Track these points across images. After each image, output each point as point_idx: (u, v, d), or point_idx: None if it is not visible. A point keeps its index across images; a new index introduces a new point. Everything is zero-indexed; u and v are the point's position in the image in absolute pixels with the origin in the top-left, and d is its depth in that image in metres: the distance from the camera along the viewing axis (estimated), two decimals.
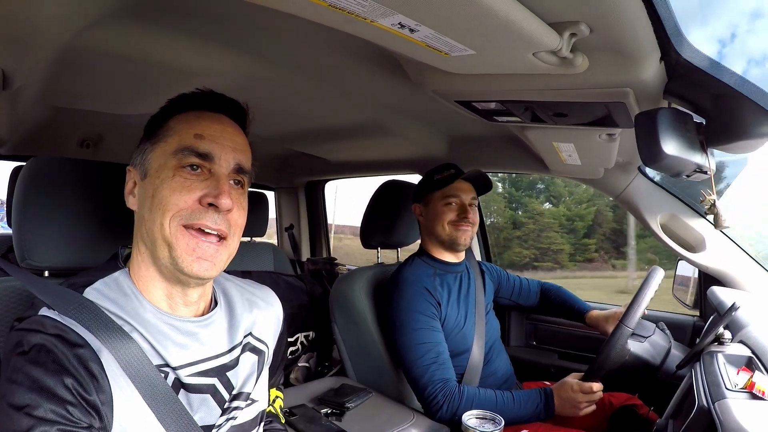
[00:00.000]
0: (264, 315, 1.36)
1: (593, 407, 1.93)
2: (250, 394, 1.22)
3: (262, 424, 1.32)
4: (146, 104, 1.85)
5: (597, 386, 1.90)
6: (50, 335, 0.95)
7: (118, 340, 0.99)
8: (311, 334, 3.09)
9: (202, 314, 1.19)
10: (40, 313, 1.00)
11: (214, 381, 1.14)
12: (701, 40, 1.09)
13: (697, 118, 1.33)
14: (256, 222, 3.23)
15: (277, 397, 1.53)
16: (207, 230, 1.07)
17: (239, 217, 1.14)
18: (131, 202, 1.14)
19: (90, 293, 1.06)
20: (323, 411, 1.93)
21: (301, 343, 3.03)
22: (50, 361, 0.92)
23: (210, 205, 1.07)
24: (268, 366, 1.34)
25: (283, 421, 1.54)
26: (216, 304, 1.24)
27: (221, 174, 1.10)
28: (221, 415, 1.14)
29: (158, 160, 1.09)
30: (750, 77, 1.12)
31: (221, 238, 1.10)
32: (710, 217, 1.48)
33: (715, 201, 1.42)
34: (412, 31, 1.06)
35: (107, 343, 0.97)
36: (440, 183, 2.26)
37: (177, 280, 1.10)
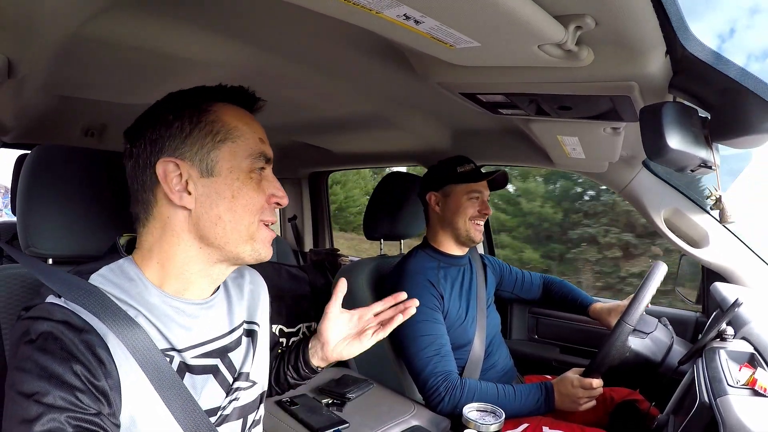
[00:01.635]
0: (252, 296, 1.39)
1: (593, 403, 1.94)
2: (249, 374, 1.25)
3: (262, 405, 1.35)
4: (150, 94, 1.83)
5: (597, 383, 1.91)
6: (57, 322, 0.95)
7: (124, 325, 1.00)
8: (313, 324, 3.09)
9: (206, 297, 1.20)
10: (46, 301, 1.00)
11: (216, 362, 1.16)
12: (706, 34, 1.08)
13: (703, 113, 1.32)
14: None
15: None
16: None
17: None
18: (186, 200, 1.09)
19: (95, 279, 1.06)
20: (324, 401, 1.94)
21: (303, 333, 3.03)
22: (58, 349, 0.92)
23: (274, 203, 1.20)
24: (262, 346, 1.36)
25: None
26: (218, 287, 1.26)
27: (271, 175, 1.21)
28: (225, 396, 1.16)
29: (230, 161, 1.11)
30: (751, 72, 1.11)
31: None
32: (716, 213, 1.47)
33: (721, 196, 1.42)
34: (417, 22, 1.05)
35: (114, 329, 0.98)
36: (465, 177, 2.26)
37: (234, 263, 1.20)
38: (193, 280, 1.14)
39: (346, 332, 1.50)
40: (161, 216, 1.12)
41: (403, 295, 1.53)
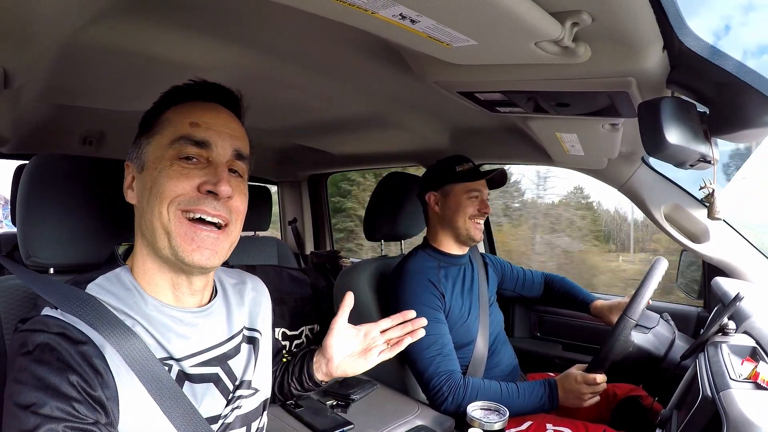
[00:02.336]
0: (254, 303, 1.38)
1: (597, 398, 1.94)
2: (251, 382, 1.24)
3: (265, 413, 1.34)
4: (148, 100, 1.84)
5: (600, 378, 1.91)
6: (54, 334, 0.95)
7: (121, 335, 1.00)
8: (316, 327, 3.09)
9: (204, 304, 1.20)
10: (42, 313, 1.00)
11: (216, 370, 1.16)
12: (701, 31, 1.08)
13: (701, 108, 1.32)
14: (259, 216, 3.22)
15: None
16: (207, 218, 1.07)
17: (240, 203, 1.15)
18: (130, 197, 1.14)
19: (92, 289, 1.07)
20: (328, 403, 1.94)
21: (306, 336, 3.03)
22: (54, 360, 0.92)
23: (209, 192, 1.07)
24: (264, 353, 1.35)
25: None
26: (216, 293, 1.26)
27: (219, 162, 1.11)
28: (226, 405, 1.16)
29: (155, 152, 1.09)
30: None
31: (222, 226, 1.10)
32: (709, 206, 1.47)
33: (714, 191, 1.42)
34: (413, 22, 1.06)
35: (111, 339, 0.98)
36: (464, 176, 2.26)
37: (180, 269, 1.10)
38: (160, 284, 1.13)
39: (351, 349, 1.47)
40: (135, 218, 1.15)
41: (412, 314, 1.52)
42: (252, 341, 1.31)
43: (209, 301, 1.22)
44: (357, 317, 2.35)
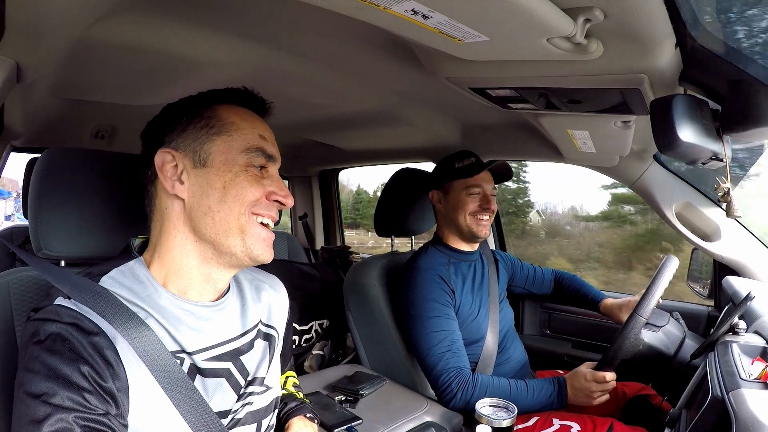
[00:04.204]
0: (272, 301, 1.38)
1: (606, 397, 1.93)
2: (264, 379, 1.24)
3: (276, 410, 1.34)
4: (159, 95, 1.85)
5: (610, 376, 1.90)
6: (66, 324, 0.96)
7: (133, 327, 1.00)
8: (325, 322, 3.10)
9: (217, 299, 1.20)
10: (55, 303, 1.01)
11: (228, 365, 1.16)
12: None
13: (713, 105, 1.31)
14: None
15: (289, 376, 1.57)
16: (267, 222, 1.15)
17: None
18: (178, 189, 1.11)
19: (105, 282, 1.07)
20: (337, 398, 1.94)
21: (316, 331, 3.04)
22: (66, 350, 0.93)
23: (274, 201, 1.17)
24: (278, 352, 1.36)
25: (300, 396, 1.56)
26: (229, 289, 1.26)
27: (276, 175, 1.20)
28: (237, 400, 1.16)
29: (225, 154, 1.12)
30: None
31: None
32: (723, 206, 1.47)
33: (728, 189, 1.41)
34: (425, 17, 1.05)
35: (123, 331, 0.99)
36: (463, 172, 2.26)
37: (236, 264, 1.16)
38: (193, 278, 1.14)
39: None
40: (160, 207, 1.15)
41: None
42: (268, 338, 1.31)
43: (222, 296, 1.22)
44: (367, 312, 2.36)
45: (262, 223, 1.14)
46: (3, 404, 1.11)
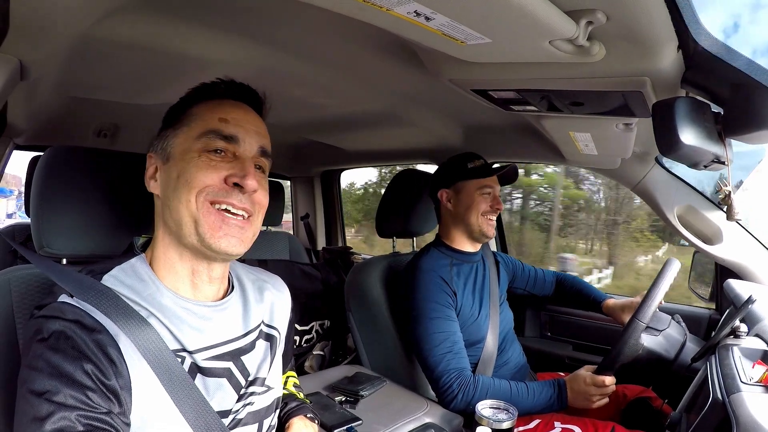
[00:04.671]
0: (275, 302, 1.38)
1: (606, 400, 1.93)
2: (265, 379, 1.24)
3: (277, 411, 1.34)
4: (162, 94, 1.85)
5: (609, 380, 1.90)
6: (69, 321, 0.96)
7: (135, 325, 1.01)
8: (326, 322, 3.11)
9: (221, 298, 1.21)
10: (59, 300, 1.01)
11: (229, 365, 1.16)
12: (710, 29, 1.08)
13: (715, 108, 1.31)
14: (272, 211, 3.23)
15: (289, 376, 1.56)
16: (233, 209, 1.10)
17: (263, 197, 1.17)
18: (153, 186, 1.15)
19: (107, 280, 1.08)
20: (337, 399, 1.94)
21: (316, 331, 3.04)
22: (69, 348, 0.93)
23: (235, 185, 1.10)
24: (280, 352, 1.36)
25: (300, 396, 1.56)
26: (232, 288, 1.26)
27: (246, 157, 1.14)
28: (238, 400, 1.16)
29: (182, 144, 1.12)
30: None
31: (246, 216, 1.13)
32: (724, 208, 1.47)
33: (730, 192, 1.41)
34: (427, 19, 1.06)
35: (125, 329, 0.99)
36: (477, 172, 2.27)
37: (203, 256, 1.13)
38: (179, 273, 1.14)
39: None
40: (155, 208, 1.18)
41: None
42: (270, 339, 1.31)
43: (224, 296, 1.22)
44: (368, 313, 2.36)
45: (227, 210, 1.09)
46: (3, 401, 1.10)
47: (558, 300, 2.78)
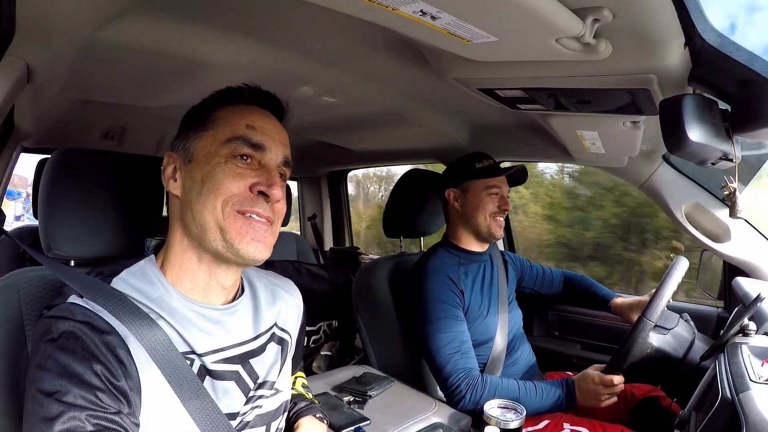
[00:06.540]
0: (286, 305, 1.37)
1: (614, 399, 1.93)
2: (274, 383, 1.24)
3: (285, 413, 1.34)
4: (168, 96, 1.86)
5: (618, 379, 1.89)
6: (79, 322, 0.96)
7: (145, 327, 1.01)
8: (334, 322, 3.11)
9: (230, 301, 1.21)
10: (68, 301, 1.02)
11: (237, 368, 1.15)
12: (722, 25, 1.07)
13: (723, 105, 1.31)
14: None
15: (298, 377, 1.56)
16: (257, 218, 1.10)
17: (282, 205, 1.17)
18: (172, 186, 1.15)
19: (116, 283, 1.08)
20: (345, 399, 1.94)
21: (324, 331, 3.05)
22: (79, 348, 0.93)
23: (260, 193, 1.10)
24: (291, 355, 1.36)
25: (309, 396, 1.56)
26: (243, 292, 1.26)
27: (271, 166, 1.15)
28: (246, 403, 1.15)
29: (207, 147, 1.12)
30: None
31: (269, 223, 1.13)
32: (728, 204, 1.46)
33: (735, 189, 1.40)
34: (433, 18, 1.06)
35: (134, 331, 0.99)
36: (485, 172, 2.27)
37: (225, 261, 1.13)
38: (197, 276, 1.14)
39: None
40: (170, 208, 1.18)
41: None
42: (281, 342, 1.31)
43: (234, 299, 1.22)
44: (375, 313, 2.36)
45: (252, 217, 1.10)
46: (13, 401, 1.11)
47: (566, 299, 2.77)
